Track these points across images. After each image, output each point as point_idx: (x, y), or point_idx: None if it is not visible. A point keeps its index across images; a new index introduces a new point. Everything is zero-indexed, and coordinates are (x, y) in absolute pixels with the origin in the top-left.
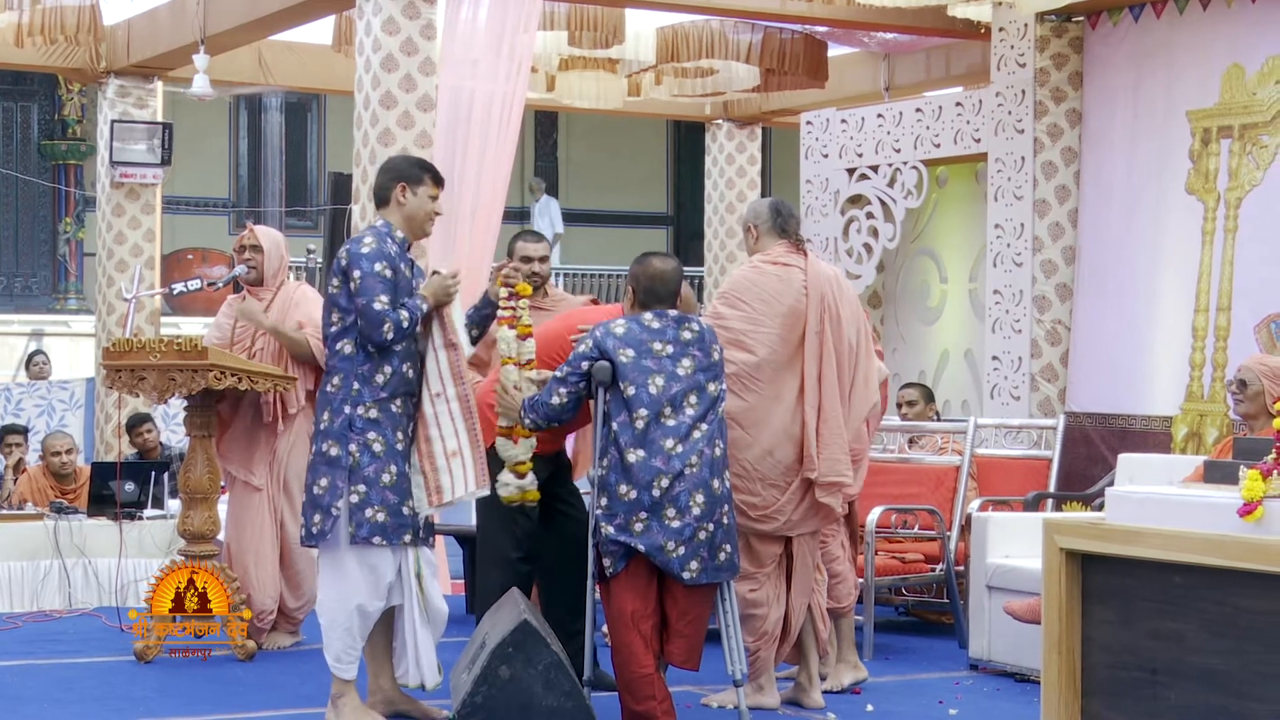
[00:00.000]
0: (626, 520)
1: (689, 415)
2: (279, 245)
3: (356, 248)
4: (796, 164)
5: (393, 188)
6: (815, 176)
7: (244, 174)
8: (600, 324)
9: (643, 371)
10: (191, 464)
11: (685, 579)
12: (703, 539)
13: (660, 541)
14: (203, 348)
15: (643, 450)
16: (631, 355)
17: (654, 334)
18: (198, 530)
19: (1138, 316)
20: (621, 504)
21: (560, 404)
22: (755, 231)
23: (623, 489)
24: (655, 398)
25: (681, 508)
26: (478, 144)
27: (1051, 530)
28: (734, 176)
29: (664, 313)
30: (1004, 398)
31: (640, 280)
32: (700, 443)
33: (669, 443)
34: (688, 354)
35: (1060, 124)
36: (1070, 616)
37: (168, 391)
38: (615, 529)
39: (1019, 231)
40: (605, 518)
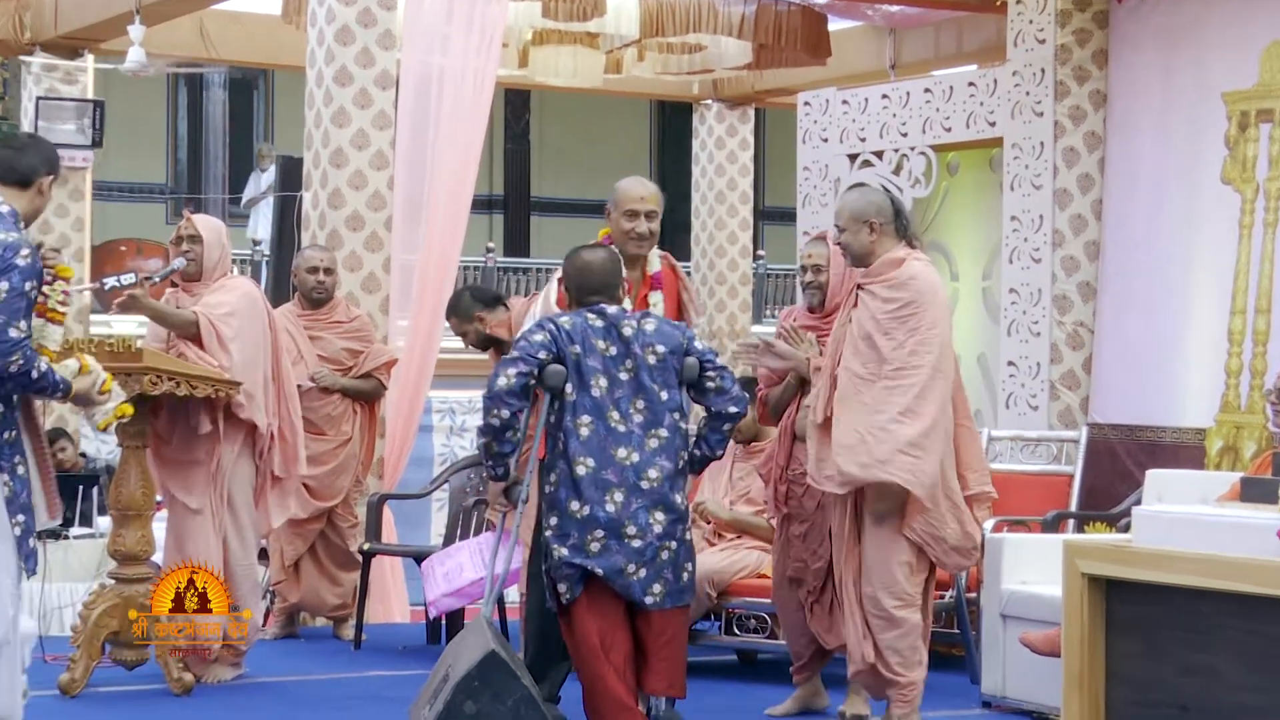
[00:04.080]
0: (582, 540)
1: (638, 423)
2: (221, 236)
3: (12, 255)
4: (792, 149)
5: (41, 173)
6: (813, 163)
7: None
8: (548, 316)
9: (587, 372)
10: (124, 477)
11: (648, 604)
12: (665, 559)
13: (620, 564)
14: (137, 349)
15: (593, 460)
16: (578, 353)
17: (597, 331)
18: (130, 551)
19: (1168, 318)
20: (574, 522)
21: (507, 385)
22: (877, 230)
23: (574, 505)
24: (599, 401)
25: (642, 526)
26: (444, 125)
27: (1072, 553)
28: (724, 162)
29: (603, 308)
30: (1021, 407)
31: (570, 275)
32: (659, 454)
33: (621, 452)
34: (629, 354)
35: (1083, 106)
36: (1093, 649)
37: None
38: (569, 550)
39: (1037, 224)
40: (556, 539)
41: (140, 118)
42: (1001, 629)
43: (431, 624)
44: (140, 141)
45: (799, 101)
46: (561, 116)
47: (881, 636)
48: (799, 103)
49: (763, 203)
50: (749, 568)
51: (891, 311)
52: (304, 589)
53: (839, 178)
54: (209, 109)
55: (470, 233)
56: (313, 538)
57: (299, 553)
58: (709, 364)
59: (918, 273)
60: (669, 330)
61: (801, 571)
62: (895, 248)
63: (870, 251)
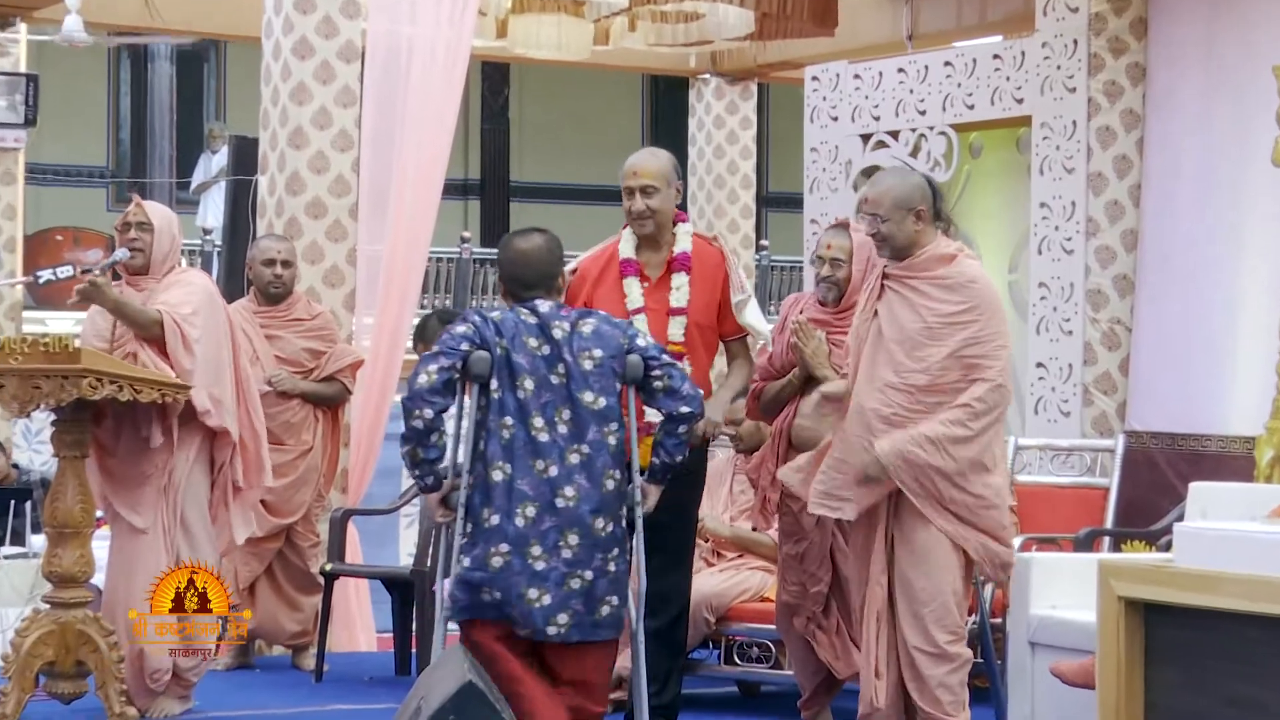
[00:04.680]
0: (485, 553)
1: (561, 433)
2: (172, 224)
3: None
4: (799, 128)
5: None
6: (822, 144)
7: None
8: (475, 309)
9: (516, 370)
10: (60, 491)
11: (550, 634)
12: (576, 588)
13: (521, 587)
14: (75, 349)
15: (510, 467)
16: (506, 347)
17: (529, 328)
18: (67, 572)
19: (1214, 315)
20: (483, 531)
21: (429, 383)
22: (924, 218)
23: (485, 512)
24: (524, 403)
25: (549, 547)
26: (415, 101)
27: (1108, 575)
28: (723, 143)
29: (535, 305)
30: (1051, 413)
31: (504, 266)
32: (579, 471)
33: (540, 463)
34: (561, 358)
35: (1119, 81)
36: (1130, 679)
37: (31, 402)
38: (471, 561)
39: (1069, 212)
40: (465, 547)
41: (78, 93)
42: (1029, 658)
43: (400, 653)
44: (78, 120)
45: (806, 76)
46: (544, 93)
47: (932, 673)
48: (806, 78)
49: (766, 188)
50: (751, 590)
51: (947, 316)
52: (260, 614)
53: (850, 160)
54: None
55: (443, 221)
56: (269, 558)
57: (254, 574)
58: (654, 361)
59: (977, 275)
60: (608, 331)
61: (798, 596)
62: (938, 239)
63: (915, 243)
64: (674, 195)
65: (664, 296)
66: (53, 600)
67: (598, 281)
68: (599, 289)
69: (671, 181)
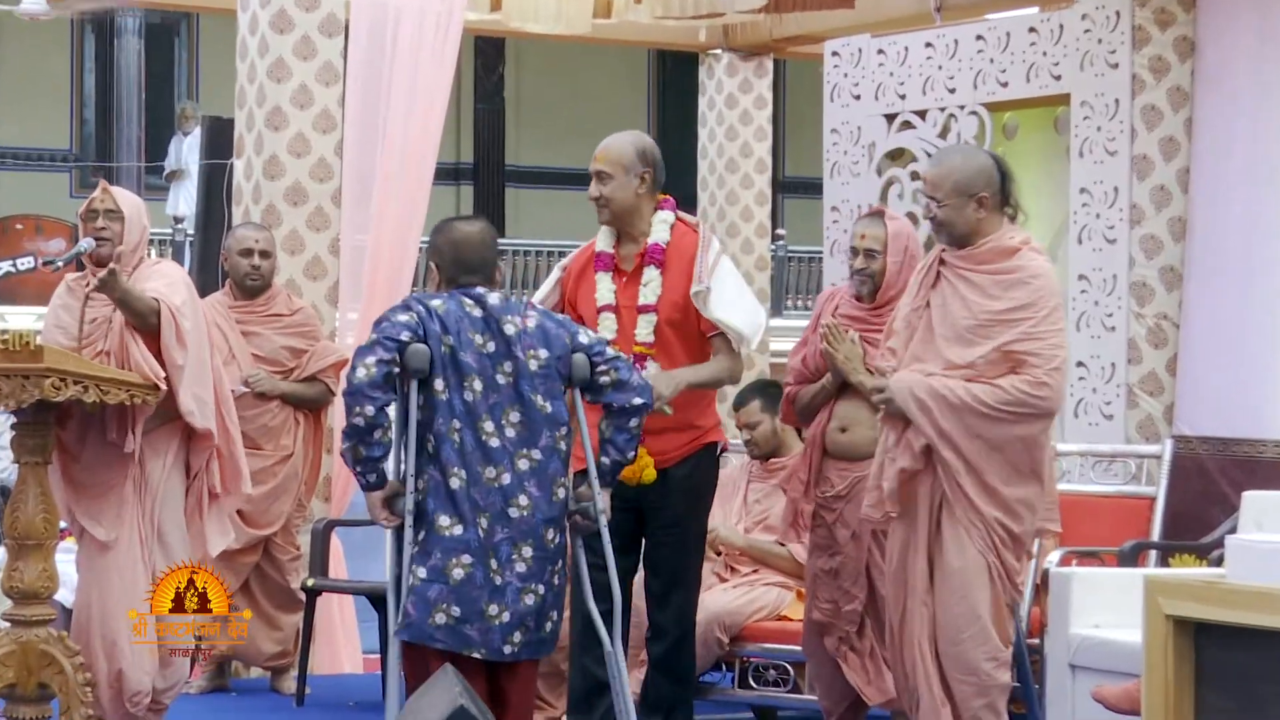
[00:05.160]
0: (444, 563)
1: (510, 438)
2: (141, 213)
3: None
4: (818, 108)
5: None
6: (843, 125)
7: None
8: (416, 295)
9: (463, 368)
10: (20, 500)
11: (506, 654)
12: (530, 604)
13: (482, 602)
14: (37, 347)
15: (465, 473)
16: (451, 344)
17: (475, 322)
18: (29, 588)
19: (1268, 310)
20: (442, 540)
21: (368, 377)
22: (986, 205)
23: (444, 520)
24: (472, 406)
25: (504, 560)
26: (403, 79)
27: (1155, 591)
28: (736, 124)
29: (482, 295)
30: (1092, 416)
31: (444, 250)
32: (529, 479)
33: (490, 471)
34: (510, 355)
35: (1166, 56)
36: (1179, 705)
37: None
38: (427, 572)
39: (1111, 198)
40: (419, 557)
41: (39, 70)
42: (1070, 681)
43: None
44: (39, 99)
45: (826, 51)
46: (542, 70)
47: (973, 704)
48: (826, 53)
49: (782, 172)
50: (767, 608)
51: (999, 313)
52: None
53: (873, 142)
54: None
55: (433, 208)
56: (246, 573)
57: (230, 590)
58: (599, 357)
59: (1040, 271)
60: (553, 330)
61: (831, 615)
62: (1003, 228)
63: (976, 231)
64: (635, 182)
65: (635, 292)
66: (13, 618)
67: (580, 278)
68: (581, 286)
69: (631, 168)
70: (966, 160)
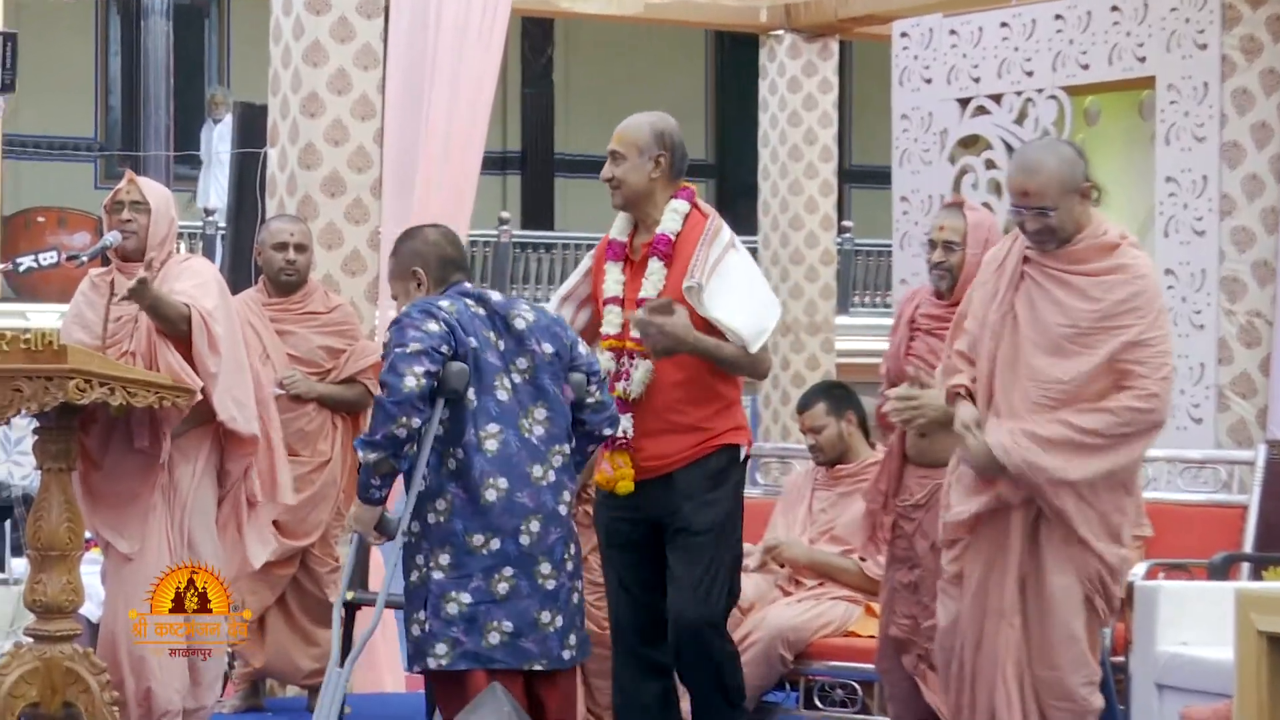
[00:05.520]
0: (487, 582)
1: (540, 435)
2: (169, 204)
3: None
4: (886, 92)
5: None
6: (914, 110)
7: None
8: (424, 301)
9: (488, 371)
10: (44, 509)
11: (566, 660)
12: (576, 603)
13: (534, 611)
14: (61, 346)
15: (505, 481)
16: (475, 347)
17: (482, 320)
18: (53, 601)
19: None
20: (477, 559)
21: (419, 387)
22: (1087, 194)
23: (478, 539)
24: (508, 407)
25: (558, 561)
26: (447, 63)
27: (1247, 606)
28: (800, 109)
29: (482, 294)
30: (1180, 419)
31: (427, 252)
32: (565, 474)
33: (537, 469)
34: (524, 350)
35: (1259, 36)
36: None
37: (10, 407)
38: (473, 594)
39: (1199, 187)
40: (455, 582)
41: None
42: (1157, 702)
43: (431, 695)
44: (62, 85)
45: (895, 32)
46: (593, 53)
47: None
48: (895, 34)
49: (849, 161)
50: (834, 623)
51: (1101, 320)
52: (271, 651)
53: (945, 129)
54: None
55: (479, 199)
56: (282, 586)
57: (265, 605)
58: (595, 375)
59: (1145, 269)
60: (555, 328)
61: (909, 631)
62: (1094, 220)
63: (1082, 227)
64: (649, 166)
65: (639, 285)
66: (36, 633)
67: (599, 269)
68: (600, 277)
69: (646, 150)
70: (1058, 154)
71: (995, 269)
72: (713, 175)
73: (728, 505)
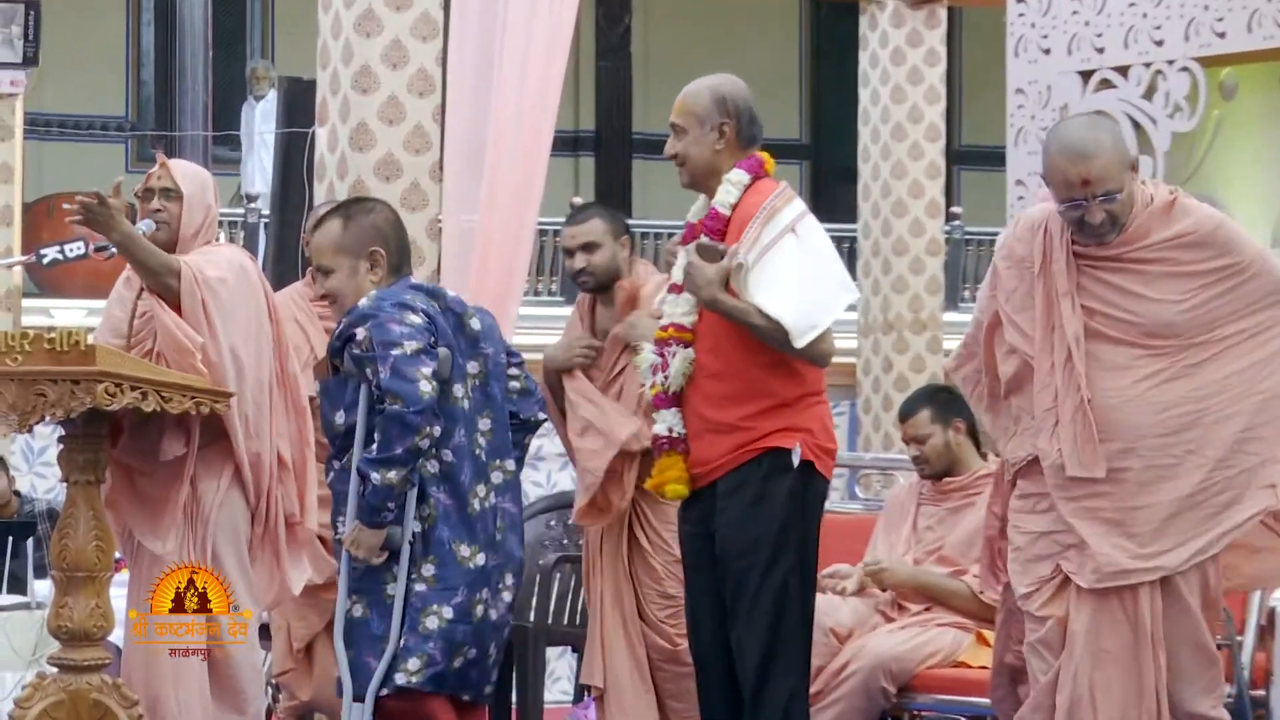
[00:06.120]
0: (469, 600)
1: (484, 447)
2: (205, 189)
3: None
4: (1000, 64)
5: None
6: (1030, 84)
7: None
8: (389, 293)
9: (456, 372)
10: (70, 526)
11: (486, 695)
12: (505, 636)
13: (488, 640)
14: (88, 347)
15: (482, 488)
16: (449, 343)
17: (440, 315)
18: (79, 627)
19: None
20: (463, 572)
21: (434, 392)
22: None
23: (464, 550)
24: (467, 414)
25: (495, 591)
26: (515, 33)
27: None
28: (904, 83)
29: (437, 289)
30: None
31: (389, 234)
32: (505, 494)
33: (481, 487)
34: (477, 353)
35: None
36: None
37: (33, 413)
38: (455, 611)
39: None
40: (439, 594)
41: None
42: None
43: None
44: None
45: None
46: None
47: None
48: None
49: (958, 140)
50: (942, 652)
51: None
52: (319, 682)
53: (1065, 104)
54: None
55: (550, 183)
56: (330, 611)
57: (312, 632)
58: (515, 358)
59: (1211, 211)
60: (497, 330)
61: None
62: (1135, 185)
63: (1134, 203)
64: (713, 136)
65: None
66: (61, 662)
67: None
68: None
69: (706, 119)
70: (1105, 130)
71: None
72: (807, 157)
73: (774, 523)
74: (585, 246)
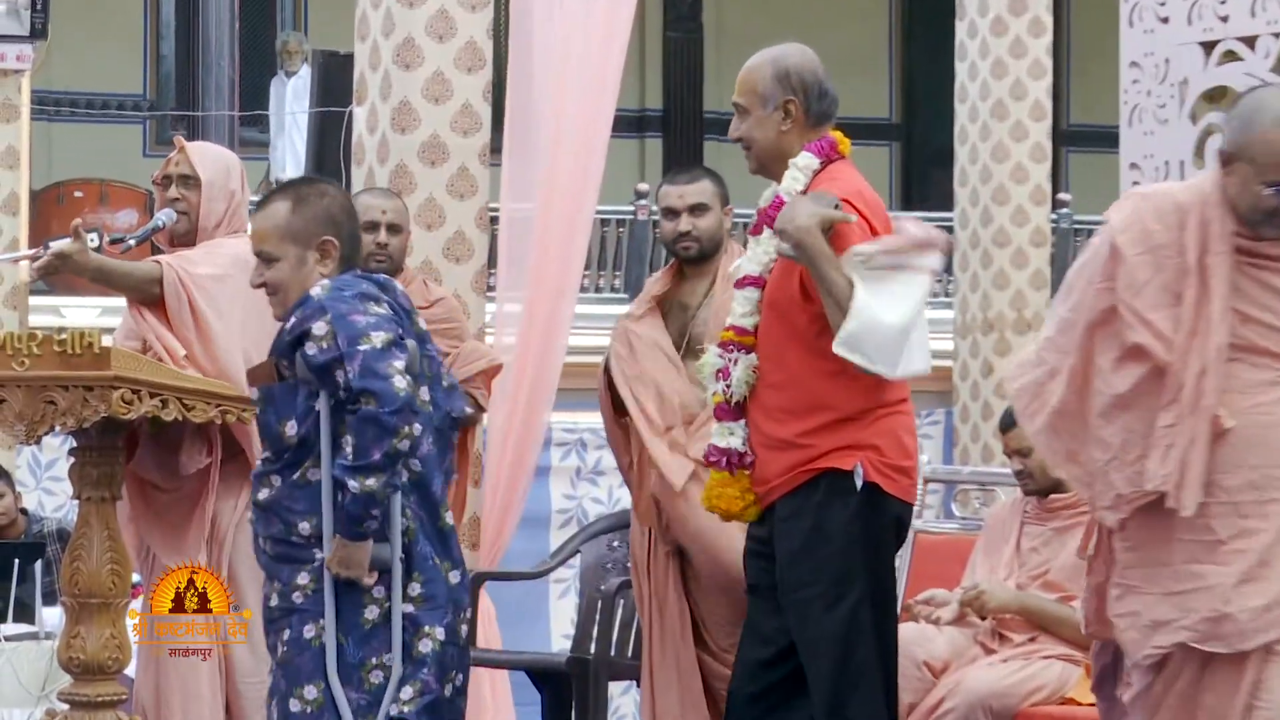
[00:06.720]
0: (455, 620)
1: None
2: (228, 174)
3: None
4: (1111, 35)
5: None
6: (1146, 57)
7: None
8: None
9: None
10: (82, 548)
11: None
12: None
13: (469, 665)
14: (102, 349)
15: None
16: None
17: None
18: (93, 659)
19: None
20: (448, 589)
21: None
22: None
23: (445, 564)
24: (430, 420)
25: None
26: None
27: None
28: (1005, 56)
29: (388, 282)
30: None
31: (343, 221)
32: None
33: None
34: (425, 353)
35: None
36: None
37: (42, 424)
38: (446, 632)
39: None
40: (428, 614)
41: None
42: None
43: None
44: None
45: None
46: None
47: None
48: None
49: (1067, 120)
50: (1048, 688)
51: None
52: None
53: (1185, 79)
54: None
55: (611, 167)
56: None
57: None
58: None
59: None
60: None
61: None
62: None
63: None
64: (777, 116)
65: None
66: (73, 698)
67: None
68: None
69: (769, 97)
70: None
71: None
72: (898, 138)
73: (835, 552)
74: (694, 209)
